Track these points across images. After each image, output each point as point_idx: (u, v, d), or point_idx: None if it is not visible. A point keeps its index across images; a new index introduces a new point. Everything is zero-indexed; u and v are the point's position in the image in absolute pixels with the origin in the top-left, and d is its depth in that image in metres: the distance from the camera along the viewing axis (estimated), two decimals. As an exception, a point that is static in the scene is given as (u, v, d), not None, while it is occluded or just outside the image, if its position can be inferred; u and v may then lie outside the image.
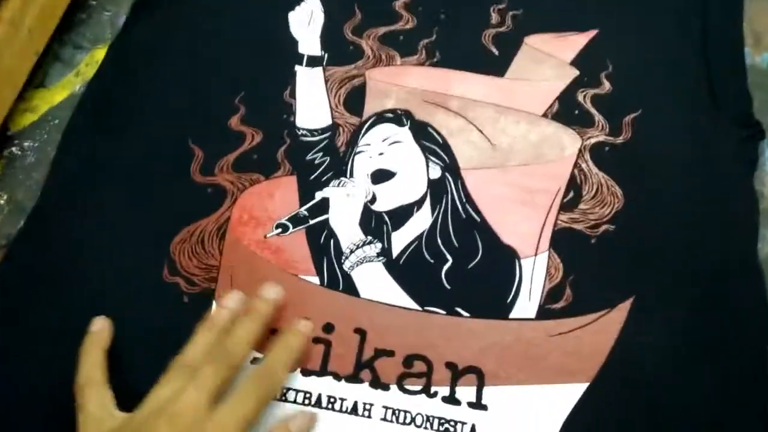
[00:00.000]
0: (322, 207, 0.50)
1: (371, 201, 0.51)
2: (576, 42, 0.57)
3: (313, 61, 0.56)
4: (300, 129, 0.54)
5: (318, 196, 0.51)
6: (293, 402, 0.44)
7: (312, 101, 0.55)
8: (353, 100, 0.55)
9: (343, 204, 0.51)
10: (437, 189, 0.51)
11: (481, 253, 0.49)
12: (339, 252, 0.49)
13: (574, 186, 0.51)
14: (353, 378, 0.45)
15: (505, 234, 0.50)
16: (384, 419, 0.44)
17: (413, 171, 0.52)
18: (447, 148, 0.53)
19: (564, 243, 0.49)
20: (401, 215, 0.51)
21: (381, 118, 0.54)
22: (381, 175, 0.52)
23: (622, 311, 0.47)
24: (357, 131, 0.54)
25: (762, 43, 0.59)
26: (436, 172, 0.52)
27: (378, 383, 0.45)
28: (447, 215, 0.50)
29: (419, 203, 0.51)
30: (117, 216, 0.50)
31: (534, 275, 0.48)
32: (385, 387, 0.45)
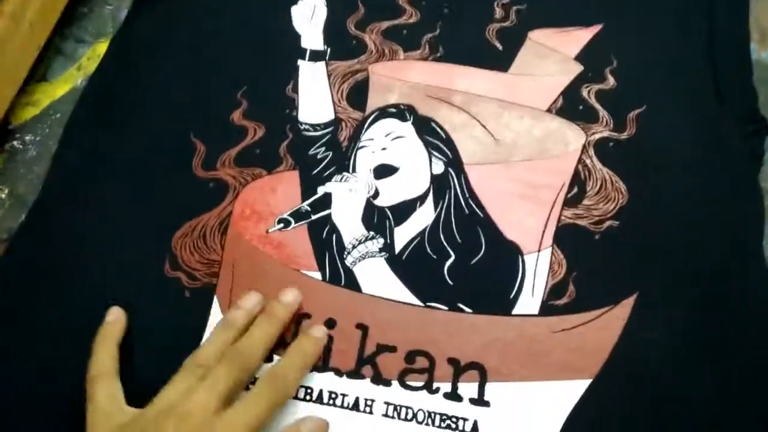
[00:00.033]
0: (324, 202, 0.50)
1: (374, 196, 0.51)
2: (580, 37, 0.56)
3: (316, 56, 0.56)
4: (302, 124, 0.53)
5: (320, 191, 0.51)
6: (293, 398, 0.44)
7: (314, 96, 0.54)
8: (356, 94, 0.54)
9: (346, 199, 0.50)
10: (440, 184, 0.51)
11: (484, 249, 0.49)
12: (341, 247, 0.49)
13: (578, 182, 0.51)
14: (355, 374, 0.45)
15: (509, 230, 0.49)
16: (385, 415, 0.44)
17: (416, 166, 0.52)
18: (450, 143, 0.52)
19: (567, 239, 0.49)
20: (404, 210, 0.50)
21: (384, 113, 0.54)
22: (384, 170, 0.51)
23: (625, 307, 0.46)
24: (360, 126, 0.53)
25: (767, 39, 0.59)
26: (439, 167, 0.52)
27: (379, 379, 0.45)
28: (450, 211, 0.50)
29: (422, 198, 0.51)
30: (118, 210, 0.50)
31: (537, 271, 0.48)
32: (387, 383, 0.45)
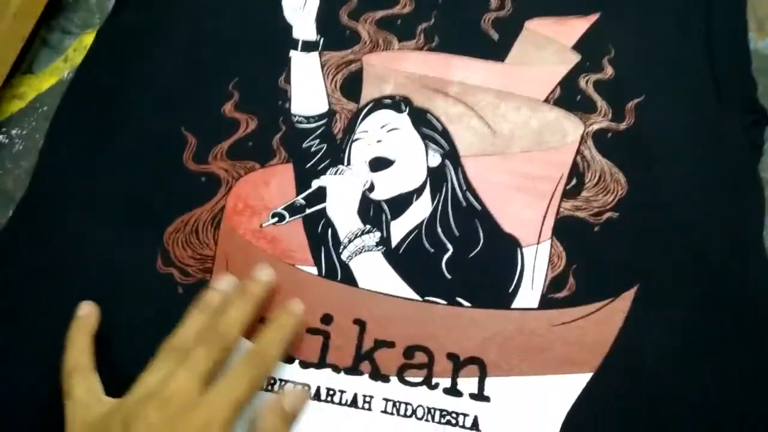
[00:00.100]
0: (319, 195, 0.49)
1: (369, 189, 0.50)
2: (577, 26, 0.56)
3: (309, 46, 0.55)
4: (296, 116, 0.53)
5: (315, 184, 0.50)
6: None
7: (308, 87, 0.53)
8: (350, 85, 0.53)
9: (341, 192, 0.49)
10: (437, 177, 0.50)
11: (482, 242, 0.48)
12: (337, 241, 0.48)
13: (576, 173, 0.50)
14: (353, 370, 0.44)
15: (507, 222, 0.49)
16: (384, 412, 0.43)
17: (412, 158, 0.51)
18: (447, 134, 0.52)
19: (567, 231, 0.48)
20: (400, 203, 0.50)
21: (379, 104, 0.53)
22: (379, 163, 0.50)
23: (625, 300, 0.46)
24: (354, 118, 0.52)
25: (765, 28, 0.58)
26: (435, 159, 0.51)
27: (378, 375, 0.44)
28: (447, 203, 0.49)
29: (419, 191, 0.50)
30: (108, 206, 0.49)
31: (536, 264, 0.47)
32: (386, 379, 0.44)
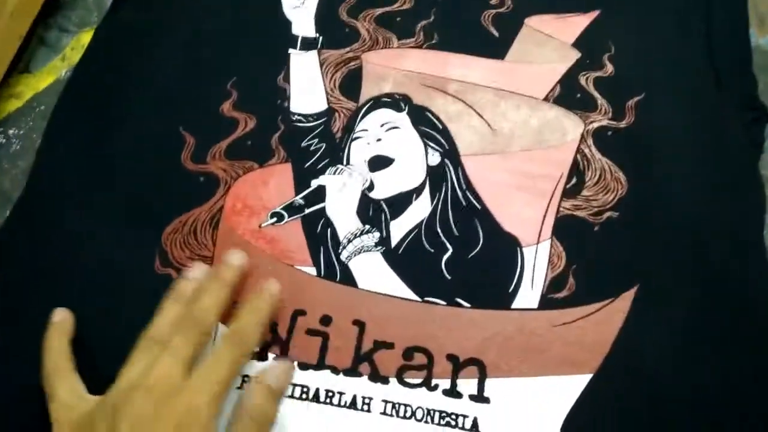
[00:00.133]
0: (318, 195, 0.49)
1: (369, 188, 0.50)
2: (578, 23, 0.55)
3: (308, 44, 0.54)
4: (294, 114, 0.52)
5: (314, 183, 0.49)
6: (290, 396, 0.43)
7: (307, 85, 0.53)
8: (349, 84, 0.53)
9: (340, 192, 0.49)
10: (436, 176, 0.50)
11: (482, 242, 0.48)
12: (336, 241, 0.48)
13: (576, 172, 0.50)
14: (352, 371, 0.44)
15: (507, 222, 0.48)
16: (384, 413, 0.43)
17: (412, 157, 0.51)
18: (446, 133, 0.51)
19: (567, 230, 0.48)
20: (400, 203, 0.49)
21: (378, 102, 0.52)
22: (379, 162, 0.50)
23: (626, 300, 0.46)
24: (354, 116, 0.52)
25: (766, 24, 0.58)
26: (435, 158, 0.51)
27: (377, 376, 0.44)
28: (447, 203, 0.49)
29: (418, 191, 0.50)
30: (105, 206, 0.49)
31: (536, 264, 0.47)
32: (385, 380, 0.44)
